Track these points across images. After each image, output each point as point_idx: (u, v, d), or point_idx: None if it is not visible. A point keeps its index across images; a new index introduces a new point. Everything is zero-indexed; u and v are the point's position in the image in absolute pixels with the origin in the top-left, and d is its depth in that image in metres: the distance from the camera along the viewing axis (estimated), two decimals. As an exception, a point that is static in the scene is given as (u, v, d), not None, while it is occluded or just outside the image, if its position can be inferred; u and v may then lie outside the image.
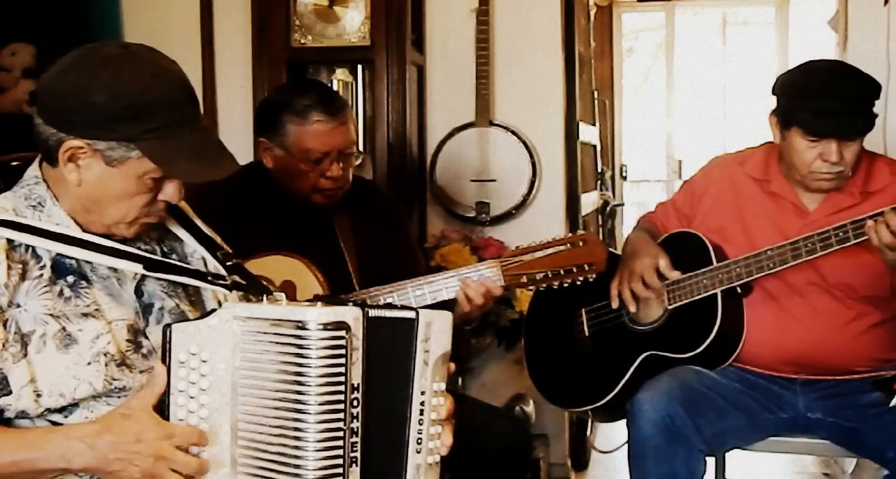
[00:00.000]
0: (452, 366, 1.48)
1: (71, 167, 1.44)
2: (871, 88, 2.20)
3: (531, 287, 2.20)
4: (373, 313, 1.38)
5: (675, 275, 2.33)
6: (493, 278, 2.13)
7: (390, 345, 1.40)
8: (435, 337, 1.43)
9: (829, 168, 2.21)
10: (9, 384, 1.39)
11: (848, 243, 2.13)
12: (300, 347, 1.32)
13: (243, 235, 1.88)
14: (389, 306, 1.42)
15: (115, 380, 1.44)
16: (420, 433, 1.42)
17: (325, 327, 1.31)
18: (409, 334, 1.41)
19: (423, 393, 1.42)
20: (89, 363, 1.43)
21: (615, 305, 2.41)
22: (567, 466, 3.46)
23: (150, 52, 1.47)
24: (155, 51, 1.48)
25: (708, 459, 2.26)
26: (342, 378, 1.32)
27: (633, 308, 2.39)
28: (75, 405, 1.43)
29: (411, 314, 1.42)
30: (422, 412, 1.42)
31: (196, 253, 1.64)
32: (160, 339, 1.43)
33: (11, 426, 1.41)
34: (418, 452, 1.42)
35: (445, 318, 1.45)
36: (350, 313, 1.34)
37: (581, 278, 2.15)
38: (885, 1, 3.26)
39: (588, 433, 3.67)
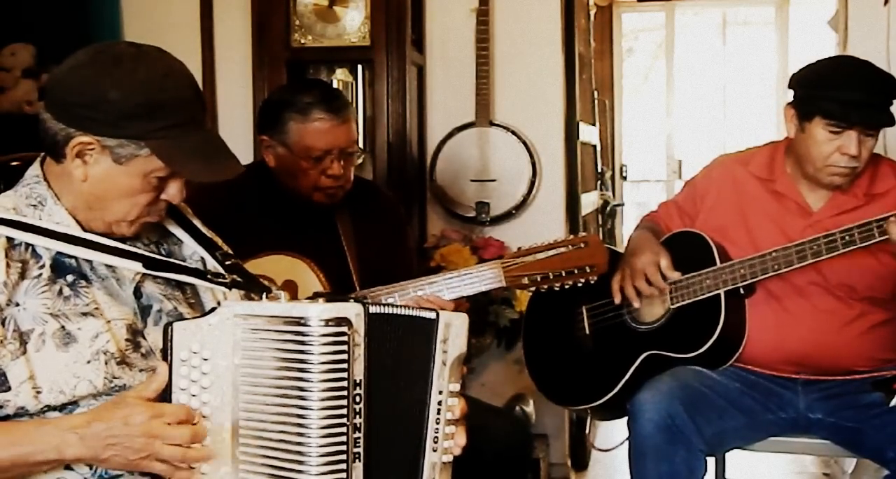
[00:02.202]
0: (465, 368, 1.49)
1: (78, 163, 1.45)
2: (891, 85, 2.21)
3: (532, 288, 2.21)
4: (380, 310, 1.38)
5: (675, 275, 2.33)
6: (494, 279, 2.14)
7: (407, 343, 1.41)
8: (453, 339, 1.44)
9: (846, 162, 2.21)
10: (7, 380, 1.39)
11: (853, 247, 2.13)
12: (302, 343, 1.32)
13: (245, 235, 1.88)
14: (408, 305, 1.43)
15: (115, 378, 1.44)
16: (437, 432, 1.43)
17: (327, 322, 1.32)
18: (429, 334, 1.42)
19: (440, 393, 1.43)
20: (89, 362, 1.43)
21: (618, 300, 2.41)
22: (567, 466, 3.46)
23: (160, 52, 1.49)
24: (165, 52, 1.50)
25: (708, 459, 2.26)
26: (344, 374, 1.32)
27: (636, 305, 2.38)
28: (76, 403, 1.43)
29: (432, 315, 1.42)
30: (439, 412, 1.43)
31: (195, 255, 1.64)
32: (159, 340, 1.43)
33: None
34: (434, 450, 1.43)
35: (463, 320, 1.46)
36: (351, 309, 1.35)
37: (582, 280, 2.16)
38: (885, 1, 3.26)
39: (588, 432, 3.67)
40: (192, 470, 1.38)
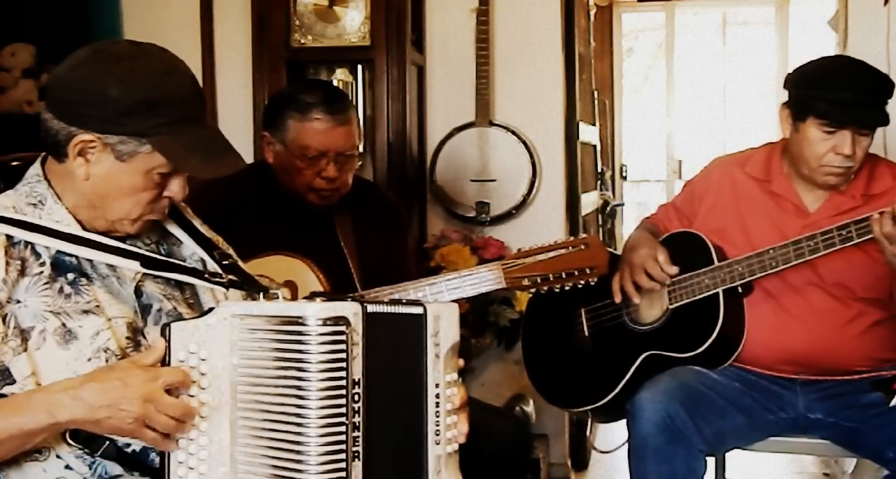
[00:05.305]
0: (461, 361, 1.49)
1: (80, 161, 1.45)
2: (887, 84, 2.22)
3: (533, 290, 2.21)
4: (375, 308, 1.38)
5: (672, 270, 2.33)
6: (495, 280, 2.14)
7: (399, 340, 1.41)
8: (444, 330, 1.43)
9: (840, 162, 2.21)
10: (12, 375, 1.39)
11: (850, 243, 2.13)
12: (300, 342, 1.32)
13: (245, 235, 1.88)
14: (396, 302, 1.43)
15: (115, 377, 1.44)
16: (438, 425, 1.43)
17: (325, 322, 1.32)
18: (419, 328, 1.42)
19: (437, 386, 1.43)
20: (90, 359, 1.43)
21: (618, 299, 2.40)
22: (567, 466, 3.46)
23: (160, 50, 1.50)
24: (164, 49, 1.50)
25: (708, 459, 2.26)
26: (343, 373, 1.32)
27: (637, 300, 2.38)
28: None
29: (419, 309, 1.42)
30: (437, 405, 1.43)
31: (195, 255, 1.64)
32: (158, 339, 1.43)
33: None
34: (437, 443, 1.43)
35: (452, 310, 1.46)
36: (349, 309, 1.35)
37: (582, 282, 2.17)
38: (885, 1, 3.26)
39: (588, 433, 3.67)
40: (176, 442, 1.37)
